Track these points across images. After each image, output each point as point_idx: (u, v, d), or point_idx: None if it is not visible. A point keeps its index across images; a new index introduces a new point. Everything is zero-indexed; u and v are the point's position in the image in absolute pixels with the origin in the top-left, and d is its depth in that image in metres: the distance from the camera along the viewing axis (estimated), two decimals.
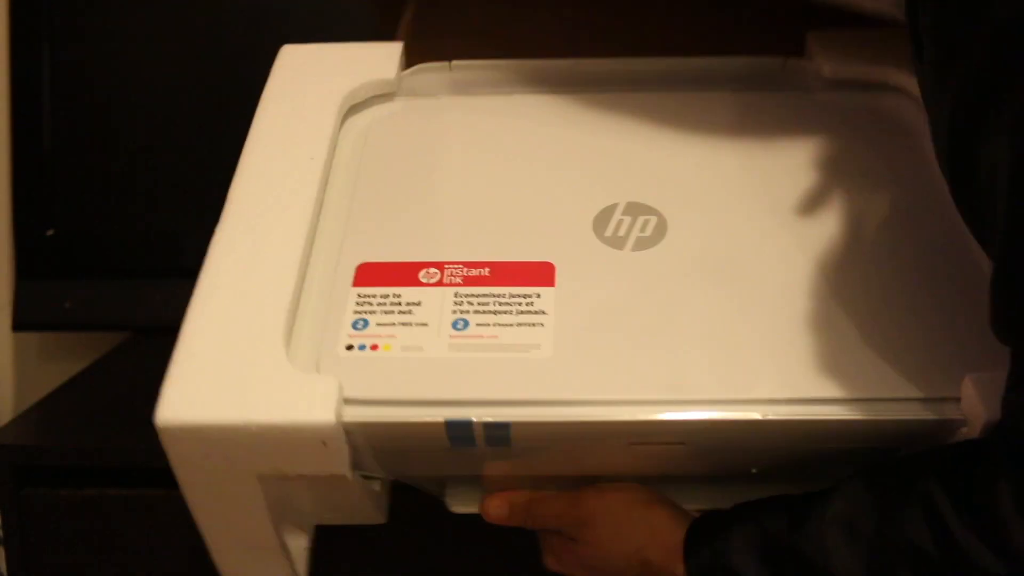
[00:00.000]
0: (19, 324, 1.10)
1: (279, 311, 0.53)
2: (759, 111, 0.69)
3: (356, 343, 0.54)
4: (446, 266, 0.58)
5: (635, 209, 0.61)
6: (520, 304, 0.56)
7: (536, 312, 0.56)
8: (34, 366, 1.19)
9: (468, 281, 0.57)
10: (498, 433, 0.52)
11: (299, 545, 0.61)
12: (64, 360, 1.14)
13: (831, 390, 0.52)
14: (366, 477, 0.57)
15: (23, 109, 1.08)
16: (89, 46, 1.08)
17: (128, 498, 0.74)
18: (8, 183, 1.10)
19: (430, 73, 0.70)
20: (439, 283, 0.57)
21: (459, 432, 0.52)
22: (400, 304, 0.56)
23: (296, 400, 0.50)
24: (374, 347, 0.54)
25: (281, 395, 0.50)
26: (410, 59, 0.71)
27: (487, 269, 0.58)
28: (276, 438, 0.50)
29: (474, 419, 0.51)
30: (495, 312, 0.55)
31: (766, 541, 0.51)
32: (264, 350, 0.52)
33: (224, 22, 1.08)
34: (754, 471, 0.60)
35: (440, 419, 0.51)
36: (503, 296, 0.56)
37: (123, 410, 0.83)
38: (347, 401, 0.51)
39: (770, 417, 0.51)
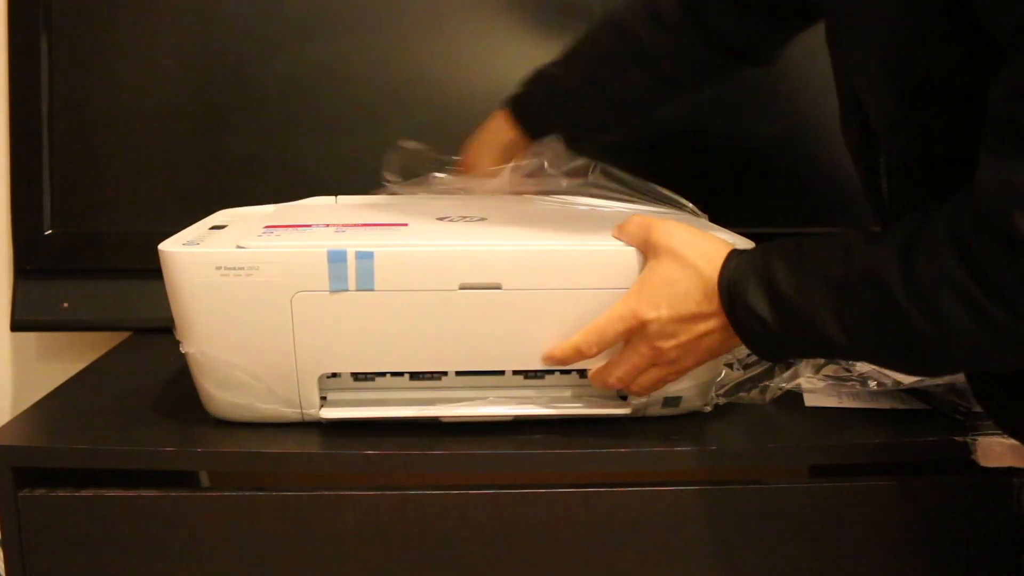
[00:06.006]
0: (17, 324, 1.09)
1: None
2: None
3: None
4: None
5: None
6: None
7: None
8: (32, 366, 1.19)
9: None
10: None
11: None
12: (62, 360, 1.14)
13: None
14: None
15: (22, 109, 1.08)
16: (89, 45, 1.08)
17: (127, 499, 0.74)
18: (6, 183, 1.10)
19: None
20: None
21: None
22: None
23: None
24: None
25: None
26: None
27: None
28: None
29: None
30: None
31: (772, 289, 0.65)
32: None
33: (224, 22, 1.08)
34: None
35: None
36: None
37: (122, 410, 0.83)
38: None
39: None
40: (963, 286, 0.57)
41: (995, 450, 0.72)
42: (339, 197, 0.98)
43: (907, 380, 0.80)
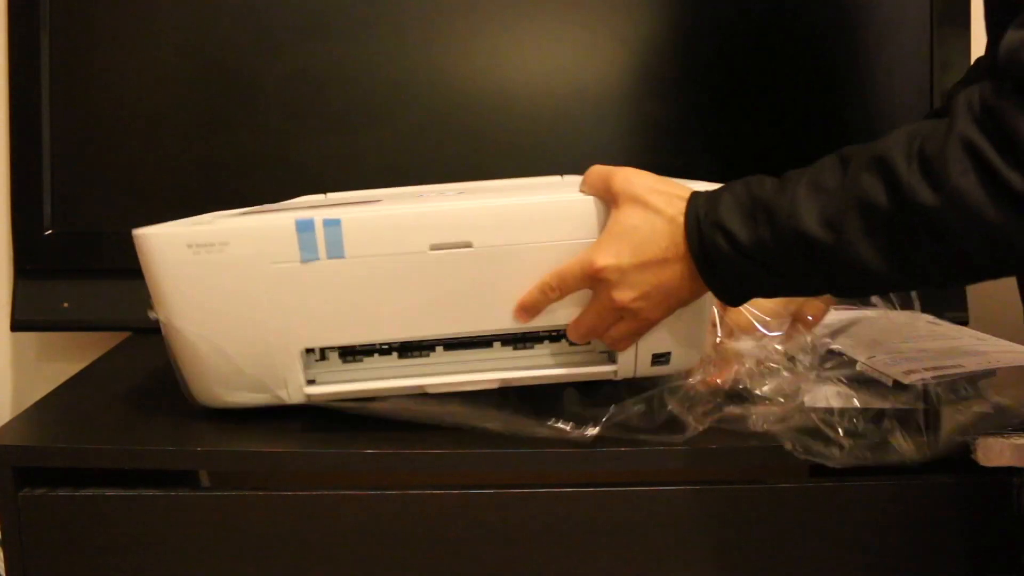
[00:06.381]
0: (17, 324, 1.09)
1: None
2: None
3: None
4: None
5: None
6: None
7: None
8: (32, 366, 1.19)
9: None
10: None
11: None
12: (62, 360, 1.14)
13: None
14: None
15: (22, 109, 1.08)
16: (89, 45, 1.08)
17: (126, 499, 0.74)
18: (6, 183, 1.10)
19: None
20: None
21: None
22: None
23: None
24: None
25: None
26: None
27: None
28: None
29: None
30: None
31: (752, 201, 0.63)
32: None
33: (224, 22, 1.08)
34: None
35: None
36: None
37: (122, 410, 0.83)
38: None
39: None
40: (974, 144, 0.55)
41: (995, 450, 0.72)
42: (329, 194, 0.98)
43: (907, 380, 0.80)
